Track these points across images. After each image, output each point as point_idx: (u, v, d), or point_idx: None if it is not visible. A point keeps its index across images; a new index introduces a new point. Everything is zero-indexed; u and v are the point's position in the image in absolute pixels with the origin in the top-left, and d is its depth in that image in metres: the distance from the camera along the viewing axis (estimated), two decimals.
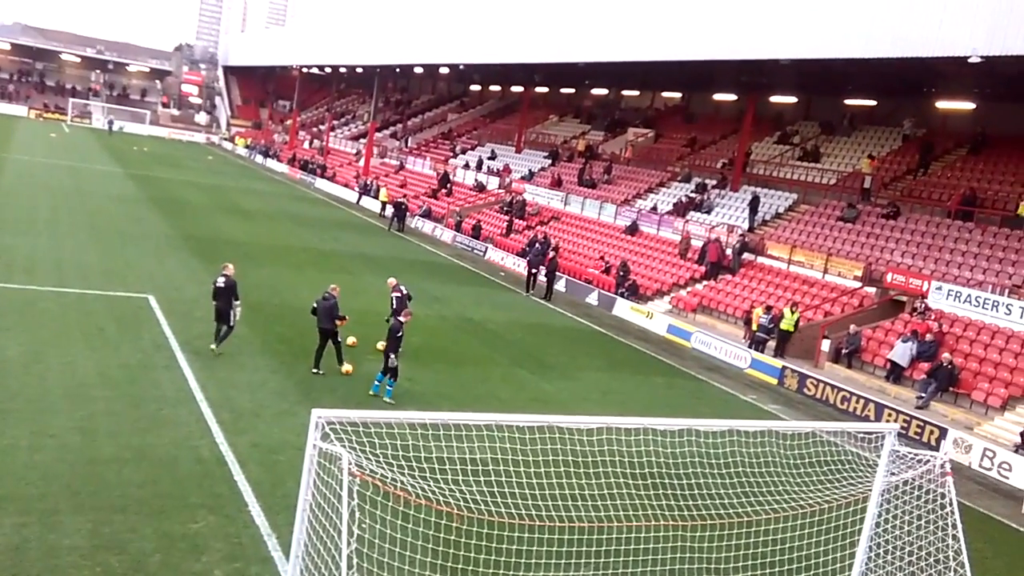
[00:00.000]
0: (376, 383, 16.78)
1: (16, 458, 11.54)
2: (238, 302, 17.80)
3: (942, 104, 34.80)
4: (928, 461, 10.26)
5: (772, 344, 26.62)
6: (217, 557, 9.89)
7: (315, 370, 17.54)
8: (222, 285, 17.63)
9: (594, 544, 10.45)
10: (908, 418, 20.87)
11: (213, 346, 17.72)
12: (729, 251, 33.53)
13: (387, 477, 8.15)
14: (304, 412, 8.56)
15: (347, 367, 17.82)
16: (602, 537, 10.49)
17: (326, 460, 7.62)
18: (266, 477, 12.24)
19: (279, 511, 11.02)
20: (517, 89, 63.40)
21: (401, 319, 17.04)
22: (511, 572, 9.58)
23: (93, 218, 32.65)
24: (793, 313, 26.49)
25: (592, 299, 33.16)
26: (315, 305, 17.54)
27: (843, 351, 25.87)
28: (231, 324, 17.78)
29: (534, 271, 33.38)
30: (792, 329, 26.27)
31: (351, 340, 19.35)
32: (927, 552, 10.18)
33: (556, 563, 10.19)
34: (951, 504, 9.84)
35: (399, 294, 20.16)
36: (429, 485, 8.89)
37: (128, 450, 12.38)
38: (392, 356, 16.31)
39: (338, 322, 17.47)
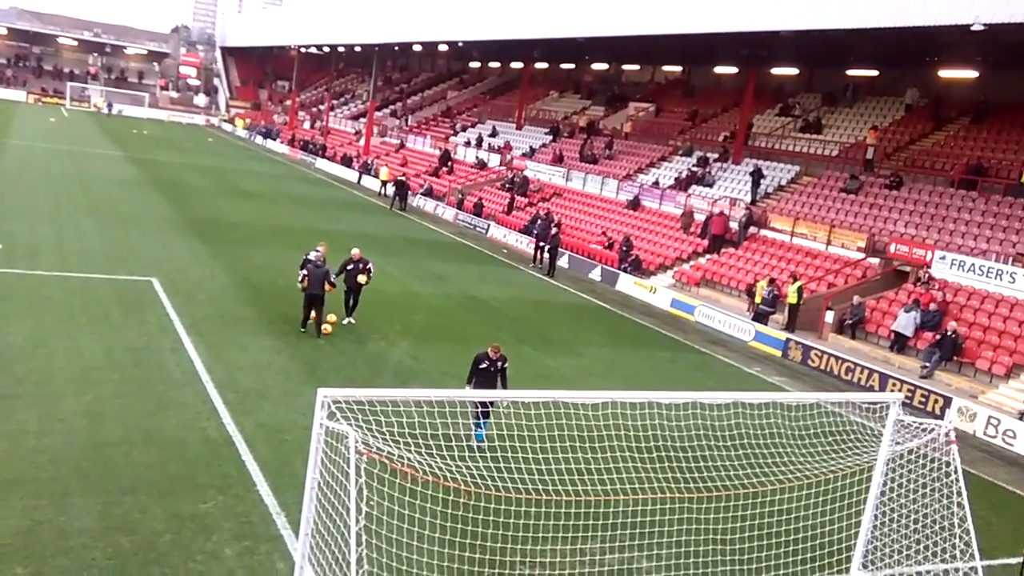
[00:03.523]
0: (479, 430, 13.42)
1: (25, 442, 11.62)
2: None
3: (945, 73, 34.55)
4: (933, 430, 10.29)
5: (778, 318, 26.64)
6: (227, 536, 9.97)
7: (303, 329, 18.84)
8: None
9: (601, 517, 10.52)
10: (912, 388, 20.90)
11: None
12: (734, 224, 33.45)
13: (394, 454, 8.19)
14: (309, 391, 8.61)
15: (327, 327, 18.95)
16: (609, 510, 10.55)
17: (333, 439, 7.65)
18: (273, 457, 12.31)
19: (287, 490, 11.09)
20: (517, 65, 62.99)
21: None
22: (519, 546, 9.65)
23: (95, 202, 32.63)
24: (794, 284, 26.44)
25: (595, 275, 33.15)
26: (305, 272, 18.38)
27: (847, 322, 25.87)
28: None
29: (541, 244, 33.74)
30: (796, 301, 26.22)
31: (332, 317, 19.40)
32: (932, 520, 10.23)
33: (564, 536, 10.26)
34: (956, 472, 9.87)
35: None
36: (436, 462, 8.93)
37: (136, 432, 12.45)
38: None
39: (328, 287, 18.56)
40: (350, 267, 19.58)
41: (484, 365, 14.13)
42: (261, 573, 9.32)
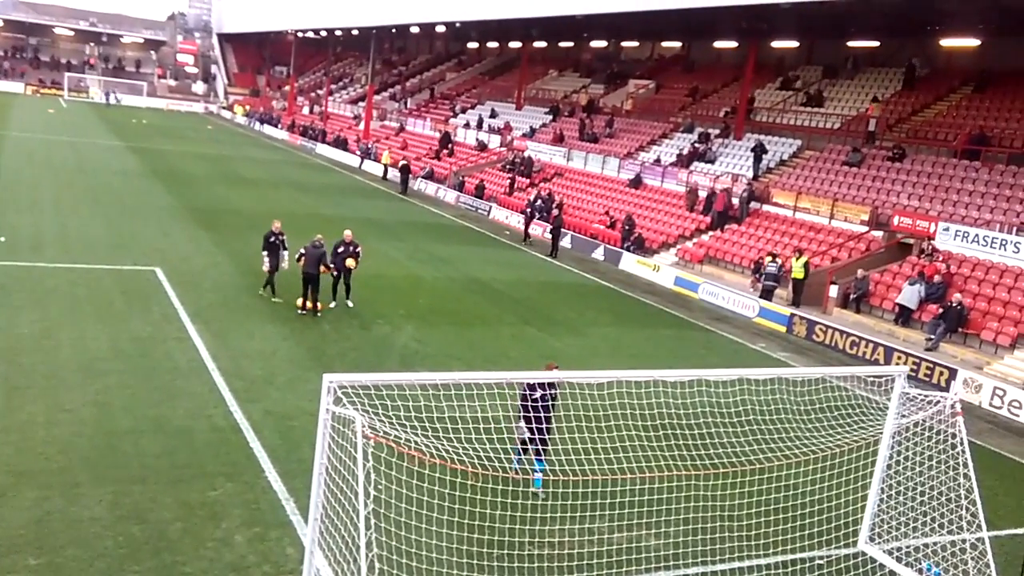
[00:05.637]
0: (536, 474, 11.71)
1: (34, 433, 11.68)
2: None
3: (946, 42, 34.27)
4: (938, 402, 10.31)
5: (781, 293, 26.59)
6: (237, 523, 10.03)
7: (301, 311, 19.20)
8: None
9: (608, 496, 10.55)
10: (917, 360, 20.89)
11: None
12: (736, 200, 33.33)
13: (401, 438, 8.21)
14: (315, 378, 8.63)
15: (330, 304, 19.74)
16: (616, 489, 10.58)
17: (340, 424, 7.67)
18: (281, 443, 12.36)
19: (295, 476, 11.14)
20: (515, 45, 62.68)
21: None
22: (527, 527, 9.70)
23: (96, 193, 32.60)
24: (799, 259, 26.37)
25: (598, 254, 33.11)
26: (302, 251, 18.94)
27: (851, 296, 25.83)
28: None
29: (531, 220, 34.95)
30: (802, 276, 26.14)
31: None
32: (939, 491, 10.27)
33: (572, 516, 10.30)
34: (962, 443, 9.90)
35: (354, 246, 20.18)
36: (443, 444, 8.96)
37: (144, 421, 12.51)
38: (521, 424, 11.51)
39: (323, 269, 19.11)
40: (340, 250, 19.75)
41: (538, 394, 11.36)
42: (271, 559, 9.39)
